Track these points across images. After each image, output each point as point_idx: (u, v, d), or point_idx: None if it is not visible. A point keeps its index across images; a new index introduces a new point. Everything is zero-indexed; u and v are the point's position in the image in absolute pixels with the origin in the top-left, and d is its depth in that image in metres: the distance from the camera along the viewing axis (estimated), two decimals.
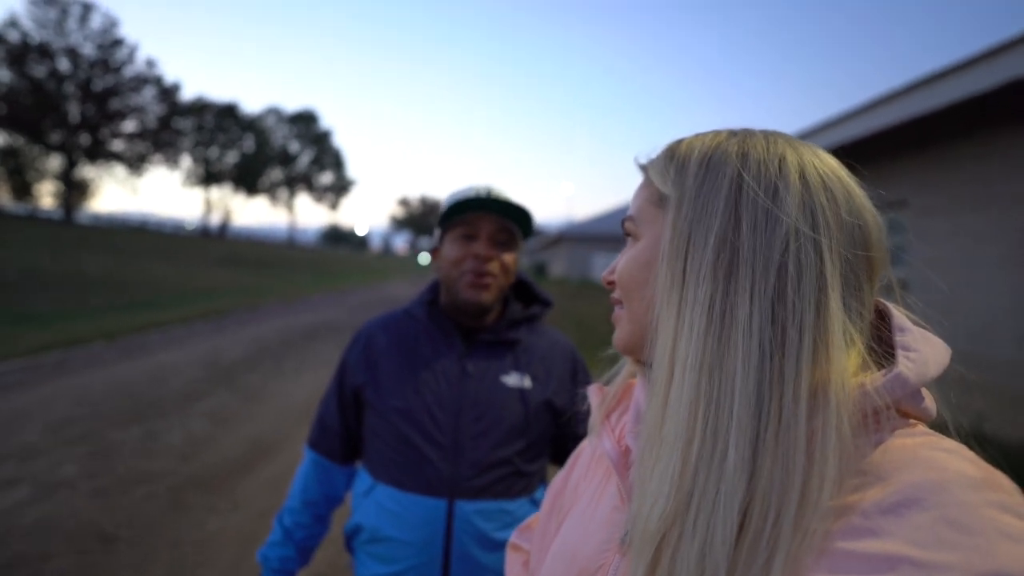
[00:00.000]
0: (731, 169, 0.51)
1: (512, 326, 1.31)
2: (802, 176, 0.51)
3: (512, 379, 1.26)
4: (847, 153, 0.57)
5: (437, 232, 1.32)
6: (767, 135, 0.55)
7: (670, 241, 0.52)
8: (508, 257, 1.27)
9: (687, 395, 0.46)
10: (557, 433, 1.31)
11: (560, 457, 1.35)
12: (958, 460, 0.42)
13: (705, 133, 0.58)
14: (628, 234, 0.60)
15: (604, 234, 32.00)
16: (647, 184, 0.59)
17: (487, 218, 1.24)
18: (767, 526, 0.41)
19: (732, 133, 0.55)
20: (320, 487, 1.36)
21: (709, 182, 0.51)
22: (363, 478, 1.29)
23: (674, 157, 0.56)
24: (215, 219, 62.64)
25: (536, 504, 1.26)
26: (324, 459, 1.36)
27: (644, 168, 0.62)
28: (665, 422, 0.47)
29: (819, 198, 0.50)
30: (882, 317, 0.53)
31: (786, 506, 0.41)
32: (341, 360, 1.37)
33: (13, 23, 38.54)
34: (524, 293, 1.41)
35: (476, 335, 1.29)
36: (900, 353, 0.48)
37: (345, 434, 1.34)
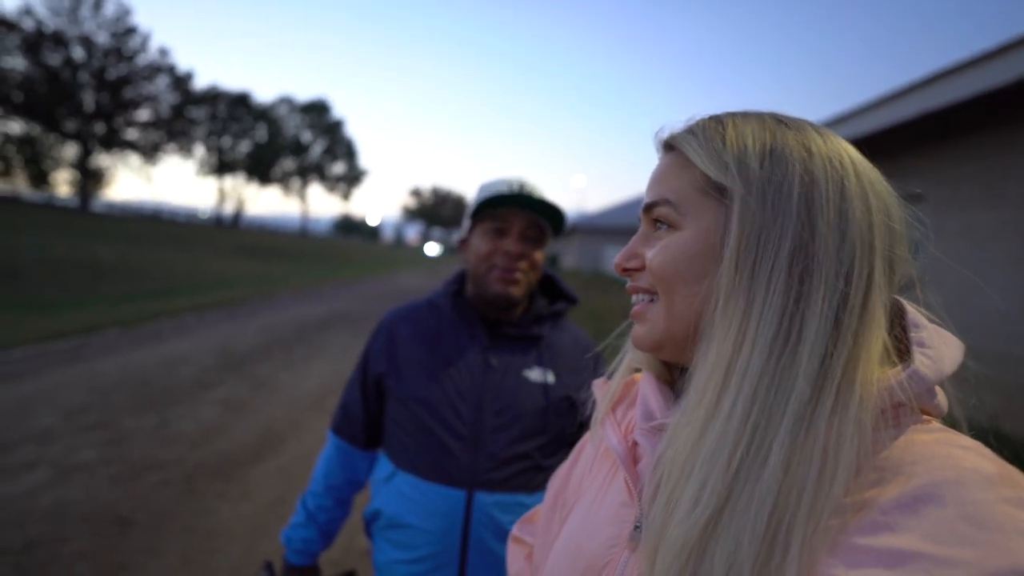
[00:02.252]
0: (799, 165, 0.49)
1: (537, 321, 1.31)
2: (856, 173, 0.50)
3: (535, 374, 1.26)
4: (865, 146, 0.55)
5: (467, 223, 1.32)
6: (815, 127, 0.53)
7: (738, 239, 0.48)
8: (537, 254, 1.26)
9: (742, 404, 0.45)
10: (579, 429, 1.31)
11: None
12: (975, 457, 0.42)
13: (745, 116, 0.54)
14: (661, 220, 0.55)
15: (616, 226, 31.91)
16: (686, 166, 0.54)
17: (519, 214, 1.23)
18: (786, 521, 0.41)
19: (779, 121, 0.53)
20: (343, 472, 1.38)
21: (778, 177, 0.49)
22: (384, 464, 1.30)
23: (726, 143, 0.51)
24: (228, 208, 63.00)
25: None
26: (347, 444, 1.37)
27: (671, 146, 0.57)
28: (709, 429, 0.46)
29: (870, 197, 0.49)
30: (896, 312, 0.52)
31: (805, 501, 0.41)
32: (365, 348, 1.39)
33: (28, 11, 38.73)
34: (549, 288, 1.41)
35: (500, 328, 1.29)
36: (916, 350, 0.48)
37: (367, 421, 1.35)
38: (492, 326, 1.29)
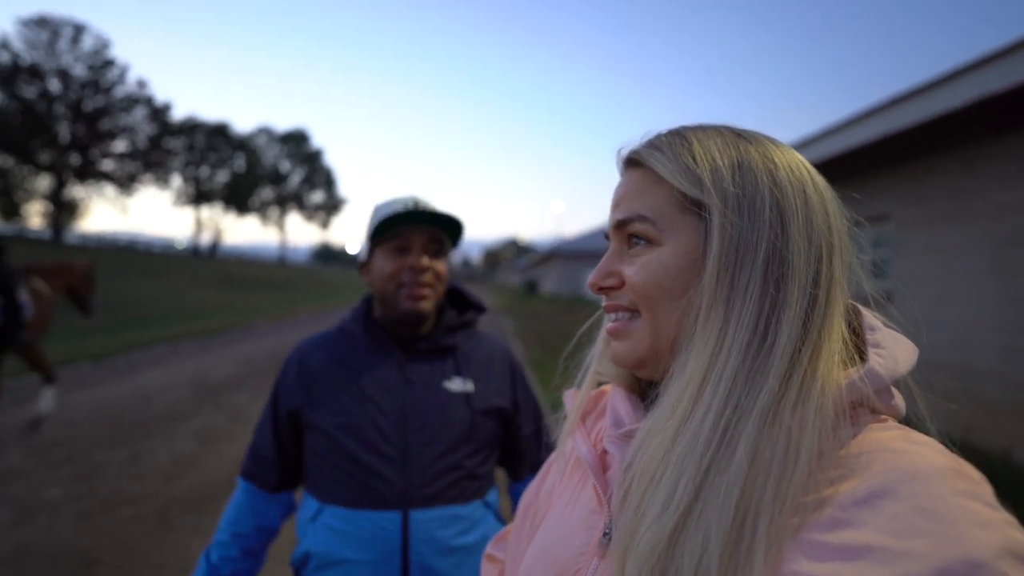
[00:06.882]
0: (767, 177, 0.51)
1: (449, 332, 1.32)
2: (812, 180, 0.52)
3: (455, 384, 1.27)
4: (830, 168, 0.58)
5: (365, 247, 1.32)
6: (769, 139, 0.55)
7: (718, 253, 0.50)
8: (441, 266, 1.27)
9: (715, 408, 0.46)
10: (504, 435, 1.32)
11: (507, 459, 1.36)
12: (929, 452, 0.43)
13: (704, 130, 0.56)
14: (638, 236, 0.55)
15: (595, 251, 32.22)
16: (658, 183, 0.54)
17: (418, 229, 1.24)
18: (753, 506, 0.42)
19: (738, 134, 0.55)
20: (253, 518, 1.29)
21: (750, 190, 0.50)
22: (308, 503, 1.24)
23: (696, 158, 0.53)
24: (206, 238, 62.33)
25: (489, 507, 1.27)
26: (258, 489, 1.30)
27: (636, 162, 0.58)
28: (682, 433, 0.47)
29: (826, 201, 0.52)
30: (852, 315, 0.54)
31: (771, 484, 0.42)
32: (274, 386, 1.33)
33: (4, 44, 38.49)
34: (458, 300, 1.42)
35: (414, 344, 1.29)
36: (871, 350, 0.49)
37: (280, 462, 1.30)
38: (405, 343, 1.29)
